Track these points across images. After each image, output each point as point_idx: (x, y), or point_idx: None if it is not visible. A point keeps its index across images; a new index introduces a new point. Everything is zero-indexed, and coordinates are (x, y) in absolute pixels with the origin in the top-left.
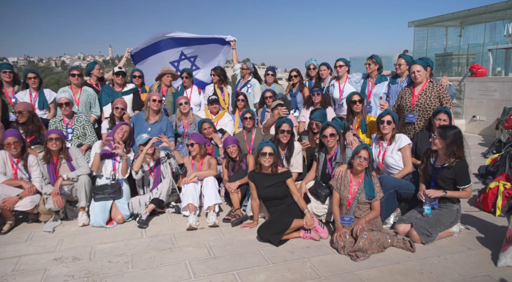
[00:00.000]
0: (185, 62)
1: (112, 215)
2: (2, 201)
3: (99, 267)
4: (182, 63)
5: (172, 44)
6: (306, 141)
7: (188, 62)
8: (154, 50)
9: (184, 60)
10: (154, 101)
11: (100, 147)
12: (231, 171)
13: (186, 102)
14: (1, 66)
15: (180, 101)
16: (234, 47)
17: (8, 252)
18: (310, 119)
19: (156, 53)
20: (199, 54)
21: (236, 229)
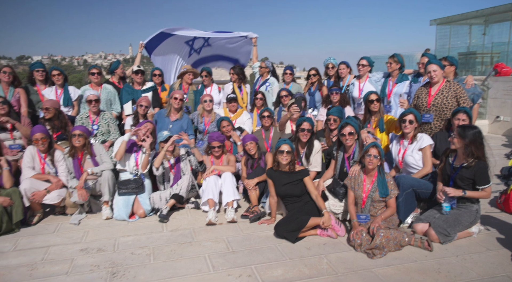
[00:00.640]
0: (199, 40)
1: (134, 209)
2: (31, 194)
3: (122, 258)
4: (196, 42)
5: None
6: (324, 142)
7: (202, 40)
8: (166, 35)
9: (198, 39)
10: (176, 99)
11: (129, 136)
12: (249, 168)
13: (210, 100)
14: (34, 65)
15: (205, 98)
16: (255, 45)
17: (37, 242)
18: (327, 114)
19: (169, 37)
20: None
21: (254, 225)
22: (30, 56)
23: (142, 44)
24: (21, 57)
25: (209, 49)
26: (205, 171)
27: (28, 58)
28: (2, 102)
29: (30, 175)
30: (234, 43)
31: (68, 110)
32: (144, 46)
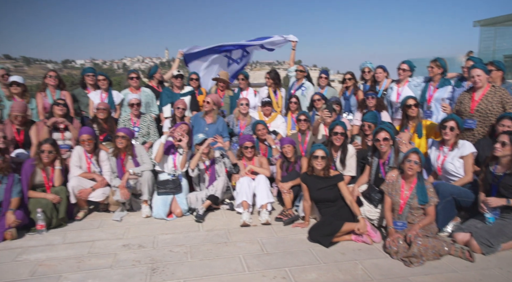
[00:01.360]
0: (238, 51)
1: (172, 208)
2: (78, 192)
3: (161, 255)
4: (234, 53)
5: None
6: (358, 141)
7: (240, 50)
8: (206, 52)
9: (237, 50)
10: (208, 103)
11: (165, 137)
12: (284, 171)
13: (247, 103)
14: (85, 70)
15: (242, 101)
16: (294, 48)
17: (83, 236)
18: (362, 120)
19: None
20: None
21: (288, 228)
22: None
23: (181, 52)
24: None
25: (249, 56)
26: (239, 173)
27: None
28: (62, 104)
29: (77, 173)
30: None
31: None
32: (183, 55)
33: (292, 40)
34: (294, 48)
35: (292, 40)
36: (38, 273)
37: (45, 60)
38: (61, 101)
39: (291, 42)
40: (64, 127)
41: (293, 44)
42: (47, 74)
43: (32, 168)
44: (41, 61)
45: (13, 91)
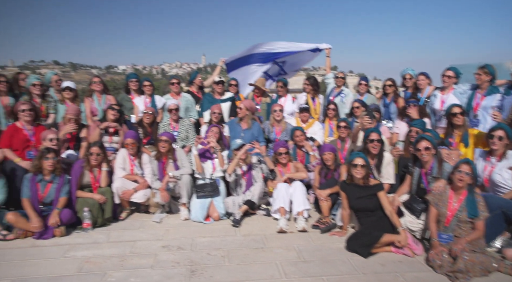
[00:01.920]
0: (274, 67)
1: (209, 212)
2: (122, 192)
3: (200, 257)
4: (271, 69)
5: (265, 58)
6: (400, 146)
7: (277, 67)
8: (246, 62)
9: (274, 65)
10: (241, 109)
11: (195, 148)
12: (323, 178)
13: (280, 109)
14: (129, 76)
15: (275, 108)
16: (329, 55)
17: (126, 236)
18: (411, 125)
19: (248, 64)
20: (289, 60)
21: (325, 236)
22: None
23: (223, 60)
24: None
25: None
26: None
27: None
28: (116, 109)
29: (121, 175)
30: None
31: None
32: (224, 63)
33: (326, 48)
34: (329, 55)
35: (326, 48)
36: (85, 269)
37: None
38: (115, 107)
39: (325, 50)
40: (113, 131)
41: (327, 51)
42: (92, 80)
43: (81, 170)
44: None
45: (66, 95)
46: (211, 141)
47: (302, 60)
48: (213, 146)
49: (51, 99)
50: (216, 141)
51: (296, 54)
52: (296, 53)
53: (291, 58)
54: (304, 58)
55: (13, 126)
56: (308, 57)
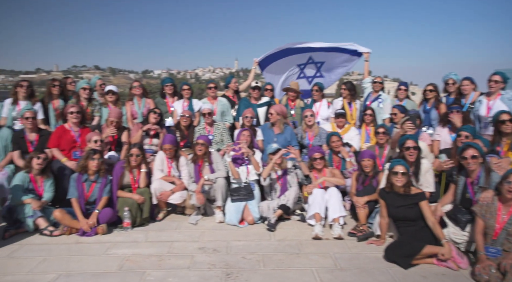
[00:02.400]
0: (311, 66)
1: (244, 216)
2: (160, 193)
3: (235, 261)
4: (308, 67)
5: (301, 50)
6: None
7: (314, 67)
8: (281, 55)
9: (310, 64)
10: (272, 115)
11: (228, 155)
12: (360, 185)
13: (311, 115)
14: (165, 81)
15: (306, 113)
16: (368, 60)
17: (163, 236)
18: (459, 130)
19: (283, 58)
20: (327, 61)
21: (362, 244)
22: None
23: (256, 61)
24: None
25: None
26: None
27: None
28: (157, 113)
29: (159, 176)
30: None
31: None
32: (257, 63)
33: (365, 51)
34: (367, 59)
35: (365, 51)
36: (125, 267)
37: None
38: (156, 110)
39: (364, 54)
40: (153, 134)
41: (365, 55)
42: (132, 84)
43: (121, 170)
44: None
45: (109, 99)
46: (242, 147)
47: (341, 65)
48: (244, 152)
49: (96, 102)
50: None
51: (334, 54)
52: (334, 53)
53: (329, 59)
54: (343, 63)
55: (61, 127)
56: (347, 62)
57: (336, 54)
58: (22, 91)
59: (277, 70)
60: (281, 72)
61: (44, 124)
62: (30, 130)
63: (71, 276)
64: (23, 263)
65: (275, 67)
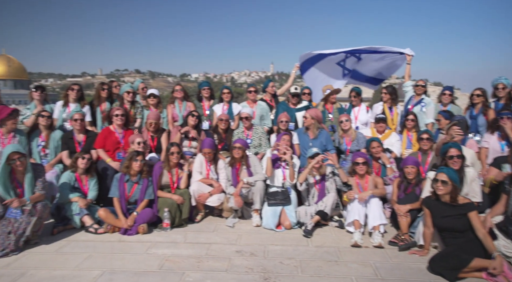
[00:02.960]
0: (350, 59)
1: (281, 220)
2: (198, 195)
3: (272, 265)
4: (348, 61)
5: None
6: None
7: (354, 58)
8: (320, 57)
9: (349, 58)
10: (307, 119)
11: (270, 152)
12: (402, 192)
13: (347, 119)
14: (202, 84)
15: (341, 118)
16: (409, 63)
17: (201, 238)
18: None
19: (322, 59)
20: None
21: (404, 254)
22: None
23: (297, 65)
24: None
25: (360, 67)
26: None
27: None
28: (196, 116)
29: (198, 178)
30: (385, 59)
31: None
32: (298, 68)
33: (408, 54)
34: (409, 62)
35: (408, 54)
36: (165, 267)
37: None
38: (195, 113)
39: (406, 56)
40: (192, 137)
41: (408, 58)
42: (175, 88)
43: (160, 170)
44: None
45: (150, 102)
46: (287, 153)
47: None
48: (286, 159)
49: (139, 105)
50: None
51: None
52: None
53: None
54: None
55: (107, 129)
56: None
57: (379, 56)
58: (73, 94)
59: (317, 74)
60: (321, 74)
61: (91, 126)
62: (78, 131)
63: (114, 273)
64: (70, 258)
65: (315, 70)
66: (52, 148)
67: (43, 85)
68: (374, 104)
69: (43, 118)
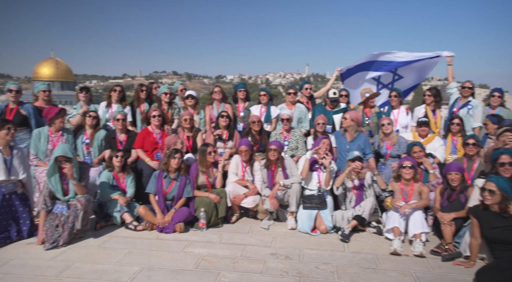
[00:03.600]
0: (387, 76)
1: (316, 224)
2: (233, 196)
3: (308, 270)
4: (384, 78)
5: (381, 66)
6: None
7: (391, 75)
8: (362, 69)
9: (386, 74)
10: (346, 120)
11: (310, 154)
12: (445, 200)
13: (389, 123)
14: (238, 86)
15: (383, 121)
16: (451, 64)
17: (236, 239)
18: None
19: (363, 71)
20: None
21: (447, 265)
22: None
23: (338, 70)
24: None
25: (398, 83)
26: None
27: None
28: (226, 116)
29: (233, 179)
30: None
31: (266, 125)
32: (340, 72)
33: (448, 56)
34: (451, 63)
35: (448, 56)
36: (201, 266)
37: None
38: (224, 113)
39: (446, 58)
40: (226, 139)
41: (448, 59)
42: (214, 89)
43: (197, 171)
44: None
45: (188, 103)
46: (327, 158)
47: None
48: (325, 164)
49: (176, 106)
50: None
51: (416, 63)
52: (416, 62)
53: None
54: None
55: (145, 129)
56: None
57: (417, 66)
58: (115, 95)
59: (355, 83)
60: (358, 85)
61: (132, 126)
62: (120, 131)
63: (152, 270)
64: (111, 254)
65: (354, 79)
66: (95, 146)
67: (88, 86)
68: (415, 107)
69: (89, 117)
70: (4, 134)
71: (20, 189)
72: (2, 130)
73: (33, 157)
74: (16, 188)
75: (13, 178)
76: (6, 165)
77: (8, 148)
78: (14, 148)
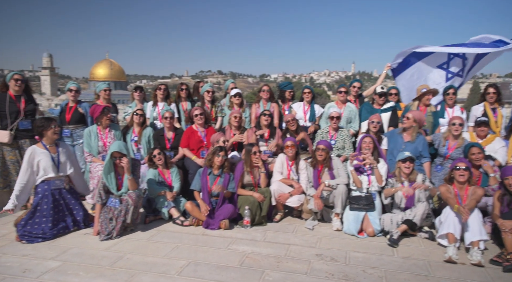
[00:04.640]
0: (455, 60)
1: (363, 226)
2: (278, 195)
3: (354, 273)
4: (452, 63)
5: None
6: None
7: (458, 59)
8: (415, 59)
9: (453, 59)
10: (408, 119)
11: (350, 164)
12: (505, 206)
13: (460, 123)
14: (287, 86)
15: (454, 121)
16: None
17: (280, 238)
18: None
19: (417, 62)
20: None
21: (509, 276)
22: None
23: (388, 65)
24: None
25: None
26: None
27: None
28: (267, 115)
29: (278, 178)
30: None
31: (311, 125)
32: (390, 69)
33: None
34: None
35: None
36: (245, 264)
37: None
38: (267, 112)
39: None
40: (267, 138)
41: None
42: (262, 88)
43: (243, 169)
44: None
45: (235, 101)
46: (366, 158)
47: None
48: (368, 163)
49: (219, 104)
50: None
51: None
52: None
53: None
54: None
55: (190, 128)
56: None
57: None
58: (160, 93)
59: (413, 72)
60: (417, 73)
61: (179, 123)
62: (168, 129)
63: (198, 265)
64: (160, 247)
65: (411, 70)
66: (144, 143)
67: (141, 86)
68: (472, 106)
69: (136, 115)
70: (51, 133)
71: (67, 184)
72: (48, 129)
73: (87, 154)
74: (63, 185)
75: (62, 174)
76: (54, 162)
77: (54, 145)
78: (60, 145)
